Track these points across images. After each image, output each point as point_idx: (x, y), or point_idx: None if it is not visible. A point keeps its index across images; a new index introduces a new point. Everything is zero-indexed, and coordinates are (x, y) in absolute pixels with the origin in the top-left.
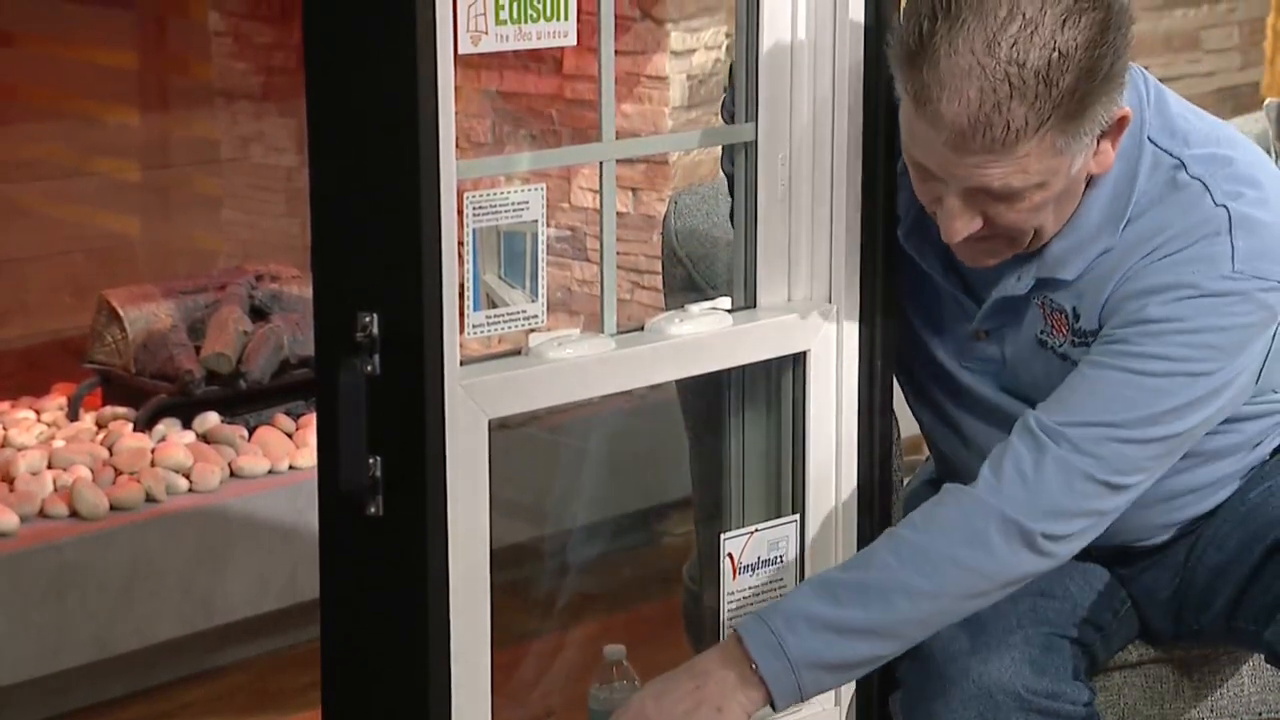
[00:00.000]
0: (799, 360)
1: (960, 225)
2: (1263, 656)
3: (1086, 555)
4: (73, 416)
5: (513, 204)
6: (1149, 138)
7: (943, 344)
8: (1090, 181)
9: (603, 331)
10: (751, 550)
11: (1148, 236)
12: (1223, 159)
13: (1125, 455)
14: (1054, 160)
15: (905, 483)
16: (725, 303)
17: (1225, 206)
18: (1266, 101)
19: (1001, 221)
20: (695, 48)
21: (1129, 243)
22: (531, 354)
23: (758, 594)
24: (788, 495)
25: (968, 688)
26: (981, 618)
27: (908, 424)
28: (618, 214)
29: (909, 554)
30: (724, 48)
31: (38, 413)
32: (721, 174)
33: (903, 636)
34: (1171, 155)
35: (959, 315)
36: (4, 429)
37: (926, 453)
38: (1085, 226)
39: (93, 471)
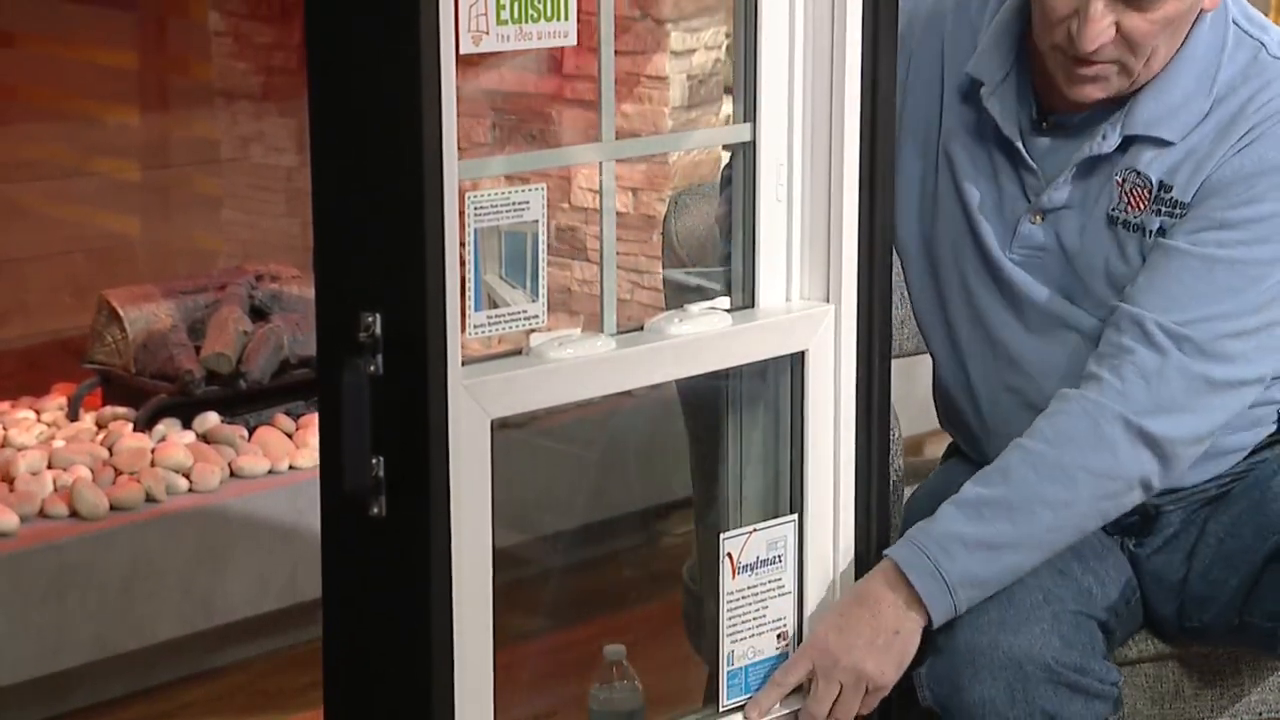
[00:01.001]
0: (798, 360)
1: (1097, 31)
2: (1267, 655)
3: (1126, 514)
4: (73, 416)
5: (513, 204)
6: (1233, 20)
7: (992, 228)
8: (1185, 43)
9: (603, 331)
10: (750, 550)
11: (1242, 115)
12: None
13: (1236, 349)
14: None
15: (906, 493)
16: (725, 303)
17: None
18: None
19: (1131, 29)
20: (695, 48)
21: (1222, 120)
22: (532, 354)
23: (756, 593)
24: (786, 495)
25: (997, 658)
26: (1010, 591)
27: (908, 424)
28: (618, 214)
29: (1045, 468)
30: (724, 48)
31: (38, 413)
32: (720, 175)
33: (1047, 545)
34: (1252, 37)
35: (1017, 196)
36: (4, 429)
37: (927, 453)
38: (1175, 90)
39: (93, 471)
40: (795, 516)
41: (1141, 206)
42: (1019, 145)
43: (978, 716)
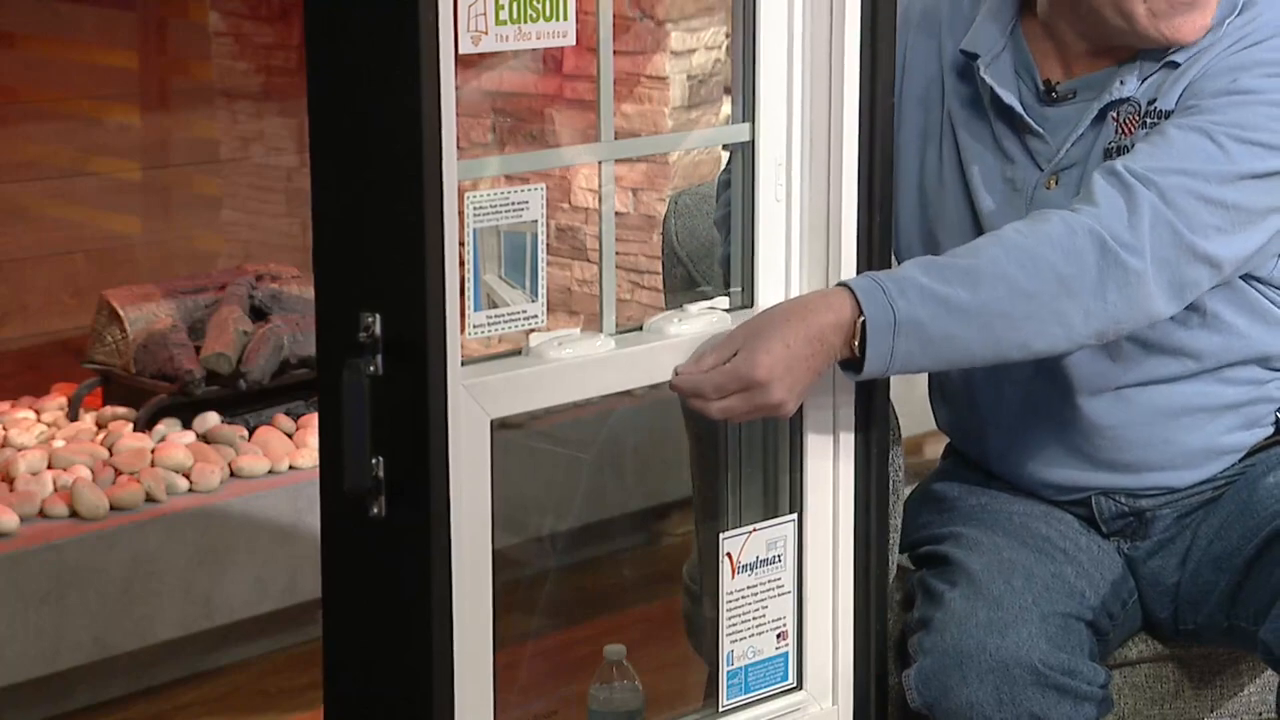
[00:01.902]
0: None
1: None
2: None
3: (1120, 514)
4: (73, 416)
5: (513, 204)
6: None
7: (1001, 205)
8: None
9: (602, 331)
10: (750, 550)
11: (1239, 35)
12: None
13: (1202, 216)
14: None
15: (905, 493)
16: (724, 302)
17: None
18: None
19: None
20: (695, 48)
21: (1223, 43)
22: (532, 354)
23: (756, 593)
24: (786, 495)
25: (984, 661)
26: (997, 594)
27: (908, 424)
28: (617, 214)
29: (1016, 252)
30: (724, 48)
31: (38, 413)
32: (717, 179)
33: (993, 331)
34: None
35: (1028, 166)
36: (4, 429)
37: (926, 454)
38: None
39: (93, 471)
40: (795, 516)
41: (1133, 128)
42: (1021, 112)
43: (965, 719)
